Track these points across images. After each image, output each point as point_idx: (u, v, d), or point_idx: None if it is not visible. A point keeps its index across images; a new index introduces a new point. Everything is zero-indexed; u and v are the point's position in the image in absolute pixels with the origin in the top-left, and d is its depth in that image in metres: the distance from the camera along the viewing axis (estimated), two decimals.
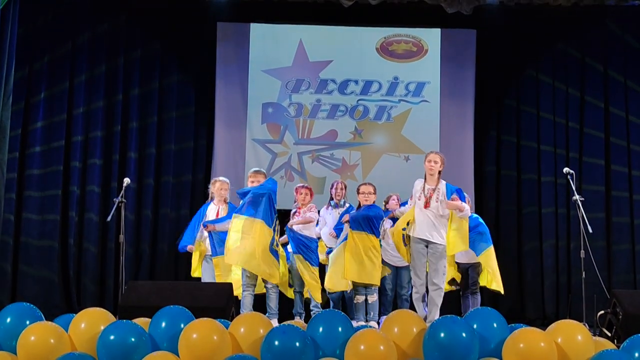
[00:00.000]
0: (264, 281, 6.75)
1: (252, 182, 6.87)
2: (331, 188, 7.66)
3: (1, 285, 8.70)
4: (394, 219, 7.08)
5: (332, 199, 7.60)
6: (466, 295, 7.18)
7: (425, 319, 6.37)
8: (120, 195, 6.91)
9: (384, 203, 7.63)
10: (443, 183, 6.55)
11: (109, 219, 6.95)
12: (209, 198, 7.29)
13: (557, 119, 9.32)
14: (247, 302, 6.61)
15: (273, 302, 6.74)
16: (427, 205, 6.46)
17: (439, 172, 6.56)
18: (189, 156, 9.33)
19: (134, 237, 8.97)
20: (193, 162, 9.33)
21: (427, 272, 6.61)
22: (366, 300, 6.85)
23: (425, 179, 6.58)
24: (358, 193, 7.04)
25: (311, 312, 7.02)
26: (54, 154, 9.04)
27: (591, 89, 9.33)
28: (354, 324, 6.22)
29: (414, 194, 6.59)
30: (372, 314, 6.72)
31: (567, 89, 9.34)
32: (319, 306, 7.00)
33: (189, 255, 7.36)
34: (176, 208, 9.18)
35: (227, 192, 7.23)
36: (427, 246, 6.49)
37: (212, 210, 7.15)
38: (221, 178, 7.32)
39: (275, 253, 6.64)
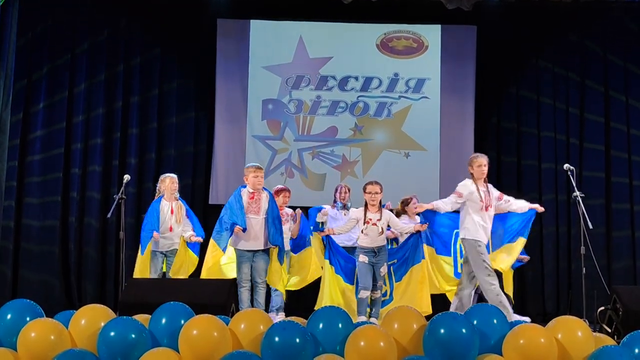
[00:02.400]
0: (253, 276, 6.78)
1: (257, 176, 6.83)
2: (335, 192, 7.84)
3: (1, 283, 8.73)
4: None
5: (336, 200, 7.80)
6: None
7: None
8: (120, 192, 6.92)
9: (399, 204, 7.63)
10: (491, 185, 6.62)
11: (109, 215, 6.98)
12: (157, 195, 7.22)
13: (558, 113, 9.33)
14: (244, 298, 6.64)
15: (262, 298, 6.77)
16: (487, 208, 6.47)
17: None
18: (189, 151, 9.34)
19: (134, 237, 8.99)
20: (193, 158, 9.34)
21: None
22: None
23: (474, 181, 6.55)
24: (364, 192, 6.86)
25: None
26: (54, 161, 9.07)
27: (593, 84, 9.33)
28: (357, 319, 6.25)
29: (468, 195, 6.51)
30: (374, 310, 6.69)
31: (568, 85, 9.35)
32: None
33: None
34: None
35: (177, 188, 7.26)
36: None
37: (166, 207, 7.14)
38: (171, 174, 7.32)
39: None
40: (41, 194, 9.00)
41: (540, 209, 6.83)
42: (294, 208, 7.36)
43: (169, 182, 7.20)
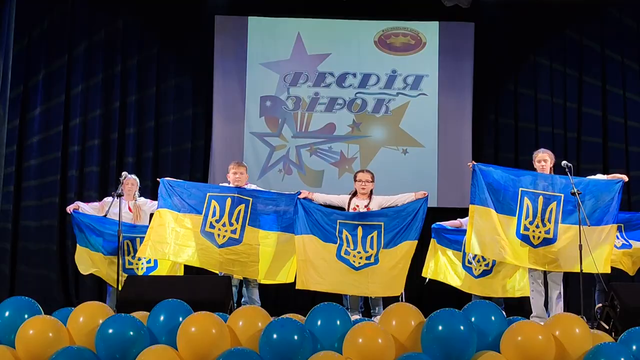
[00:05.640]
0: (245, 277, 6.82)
1: (235, 173, 6.88)
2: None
3: (1, 258, 8.78)
4: None
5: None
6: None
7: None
8: (118, 189, 6.91)
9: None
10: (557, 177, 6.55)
11: (105, 214, 6.97)
12: (117, 194, 6.93)
13: (556, 110, 9.33)
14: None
15: (256, 295, 6.81)
16: None
17: (551, 169, 6.57)
18: (187, 148, 9.32)
19: None
20: (191, 157, 9.30)
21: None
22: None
23: None
24: (355, 180, 6.87)
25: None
26: (52, 141, 9.05)
27: (590, 81, 9.33)
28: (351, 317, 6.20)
29: None
30: (377, 309, 6.53)
31: (565, 81, 9.35)
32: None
33: None
34: None
35: (136, 189, 7.35)
36: None
37: (125, 206, 7.10)
38: (133, 176, 7.37)
39: None
40: (40, 174, 8.99)
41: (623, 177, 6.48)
42: None
43: (126, 182, 7.23)
